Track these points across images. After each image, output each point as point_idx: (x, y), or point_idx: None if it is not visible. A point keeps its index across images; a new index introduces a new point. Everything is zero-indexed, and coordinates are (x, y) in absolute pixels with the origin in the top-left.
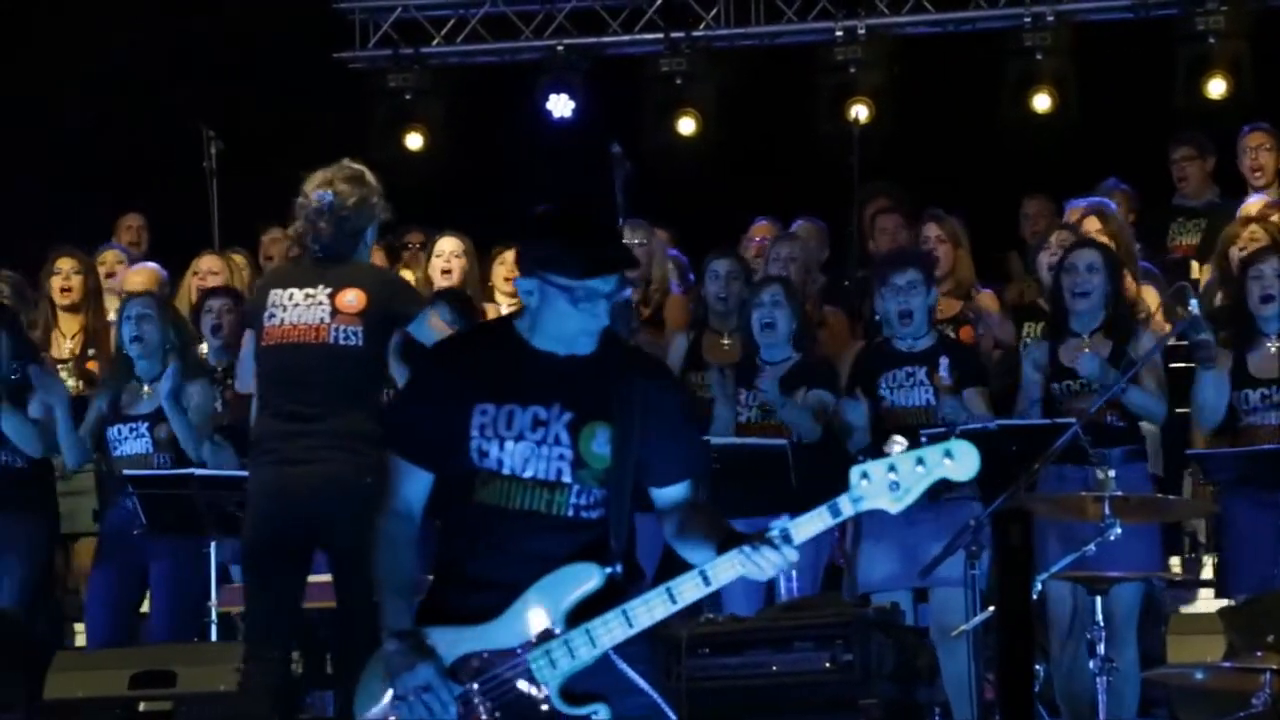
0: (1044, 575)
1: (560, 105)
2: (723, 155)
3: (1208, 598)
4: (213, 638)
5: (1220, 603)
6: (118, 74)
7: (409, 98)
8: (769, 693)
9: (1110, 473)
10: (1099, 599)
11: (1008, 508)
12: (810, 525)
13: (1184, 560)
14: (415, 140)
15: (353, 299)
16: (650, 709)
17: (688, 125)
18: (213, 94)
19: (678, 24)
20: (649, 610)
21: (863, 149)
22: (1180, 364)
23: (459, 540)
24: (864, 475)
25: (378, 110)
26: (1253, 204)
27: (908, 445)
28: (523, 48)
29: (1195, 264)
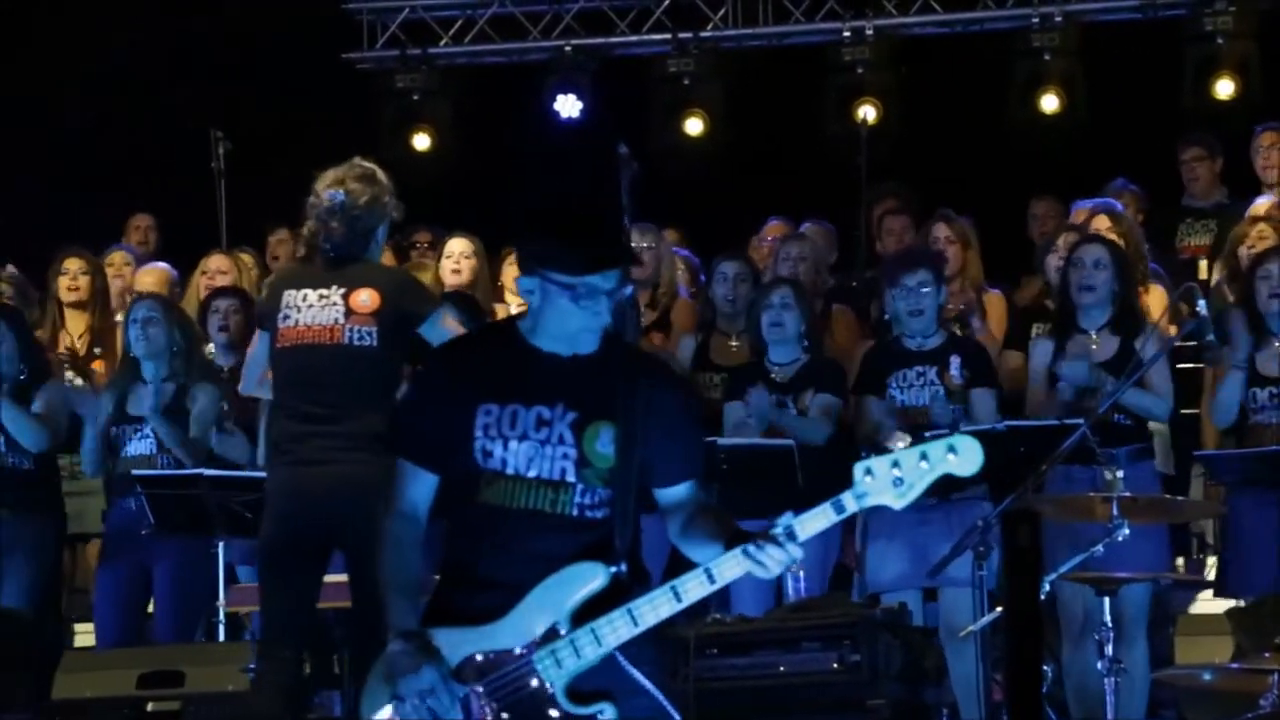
0: (1052, 576)
1: (568, 106)
2: (730, 156)
3: (1206, 598)
4: (221, 638)
5: (1220, 603)
6: (119, 74)
7: (417, 98)
8: (776, 693)
9: (1118, 473)
10: (1107, 599)
11: (1016, 508)
12: (814, 522)
13: (1188, 561)
14: (423, 140)
15: (366, 299)
16: (655, 711)
17: (695, 126)
18: (221, 94)
19: (685, 24)
20: (654, 609)
21: (870, 149)
22: (1187, 364)
23: (464, 541)
24: (868, 471)
25: (385, 111)
26: (1261, 204)
27: (911, 441)
28: (530, 48)
29: (1204, 264)
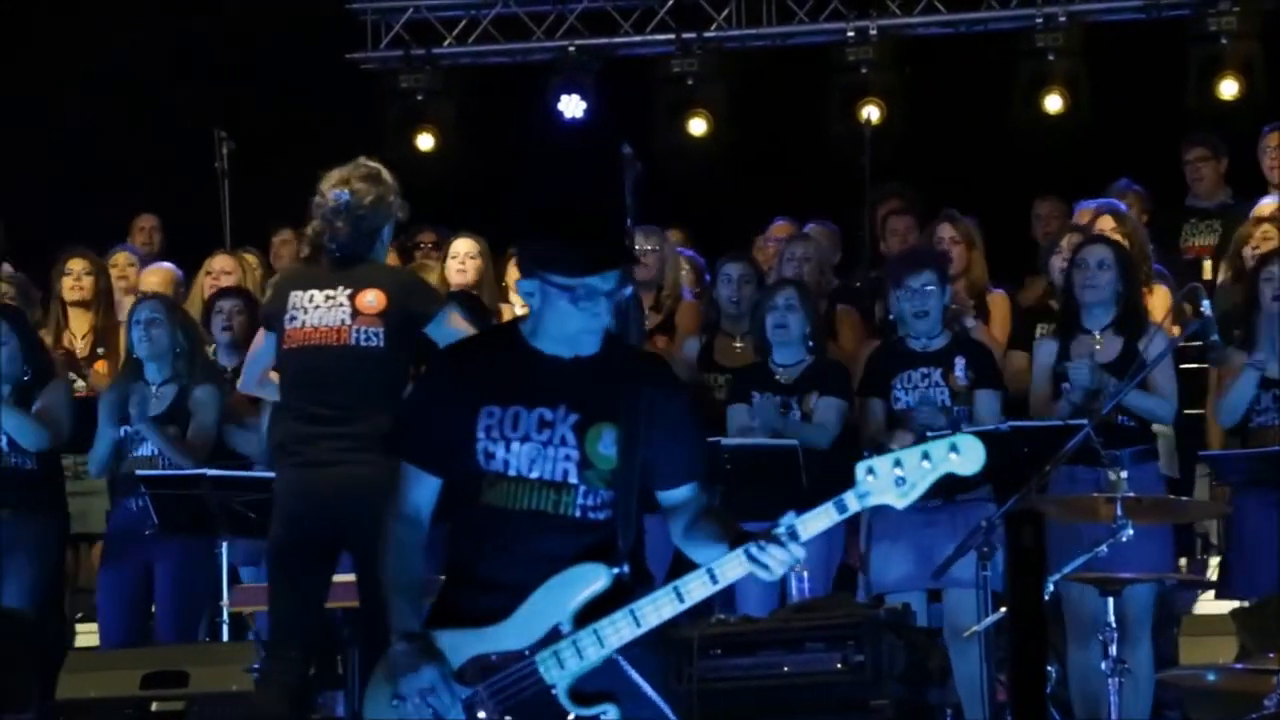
0: (1056, 576)
1: (571, 106)
2: (734, 156)
3: (1208, 599)
4: (225, 638)
5: (1225, 603)
6: (123, 74)
7: (420, 98)
8: (780, 693)
9: (1122, 474)
10: (1111, 600)
11: (1020, 509)
12: (816, 521)
13: (1190, 561)
14: (427, 141)
15: (373, 299)
16: (656, 716)
17: (699, 126)
18: (225, 95)
19: (689, 25)
20: (657, 609)
21: (874, 150)
22: (1191, 365)
23: (467, 542)
24: (870, 471)
25: (389, 111)
26: (1266, 205)
27: (913, 440)
28: (534, 48)
29: (1208, 265)
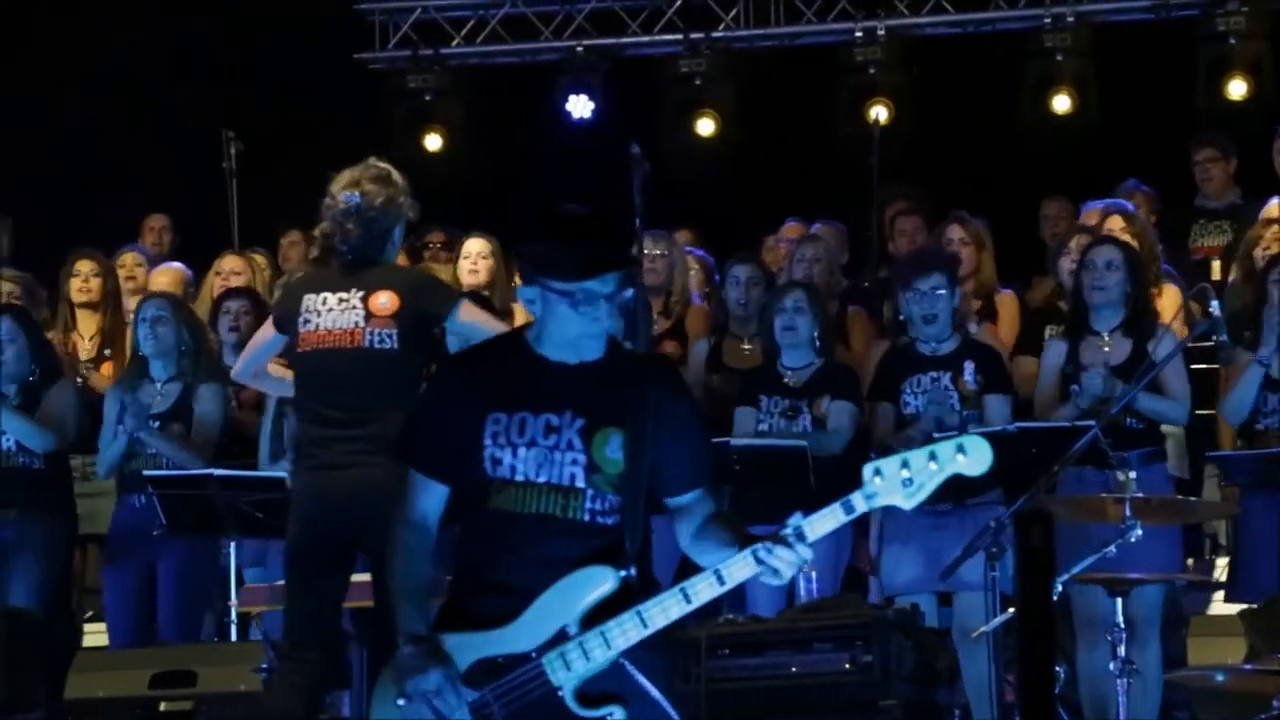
0: (1064, 576)
1: (579, 106)
2: (742, 156)
3: (1218, 599)
4: (233, 638)
5: (1229, 606)
6: (126, 73)
7: (429, 98)
8: (788, 694)
9: (1131, 474)
10: (1120, 601)
11: (1028, 509)
12: (824, 523)
13: (1198, 562)
14: (435, 141)
15: (385, 301)
16: (662, 718)
17: (707, 126)
18: (233, 95)
19: (697, 25)
20: (664, 611)
21: (882, 150)
22: (1201, 365)
23: (475, 546)
24: (877, 472)
25: (397, 111)
26: (1275, 206)
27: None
28: (542, 48)
29: (1217, 265)
